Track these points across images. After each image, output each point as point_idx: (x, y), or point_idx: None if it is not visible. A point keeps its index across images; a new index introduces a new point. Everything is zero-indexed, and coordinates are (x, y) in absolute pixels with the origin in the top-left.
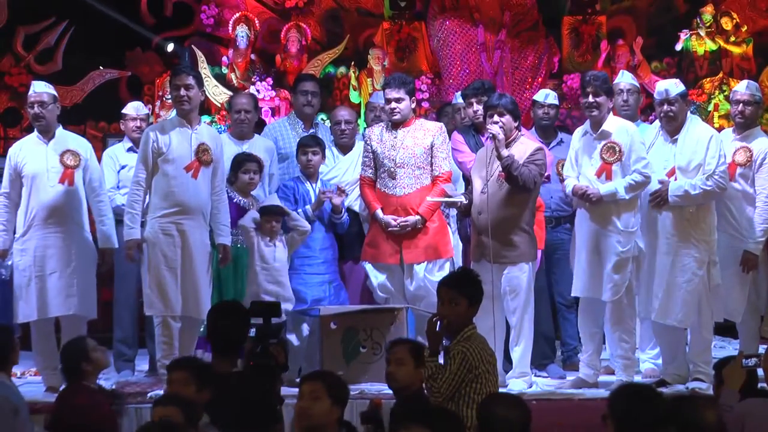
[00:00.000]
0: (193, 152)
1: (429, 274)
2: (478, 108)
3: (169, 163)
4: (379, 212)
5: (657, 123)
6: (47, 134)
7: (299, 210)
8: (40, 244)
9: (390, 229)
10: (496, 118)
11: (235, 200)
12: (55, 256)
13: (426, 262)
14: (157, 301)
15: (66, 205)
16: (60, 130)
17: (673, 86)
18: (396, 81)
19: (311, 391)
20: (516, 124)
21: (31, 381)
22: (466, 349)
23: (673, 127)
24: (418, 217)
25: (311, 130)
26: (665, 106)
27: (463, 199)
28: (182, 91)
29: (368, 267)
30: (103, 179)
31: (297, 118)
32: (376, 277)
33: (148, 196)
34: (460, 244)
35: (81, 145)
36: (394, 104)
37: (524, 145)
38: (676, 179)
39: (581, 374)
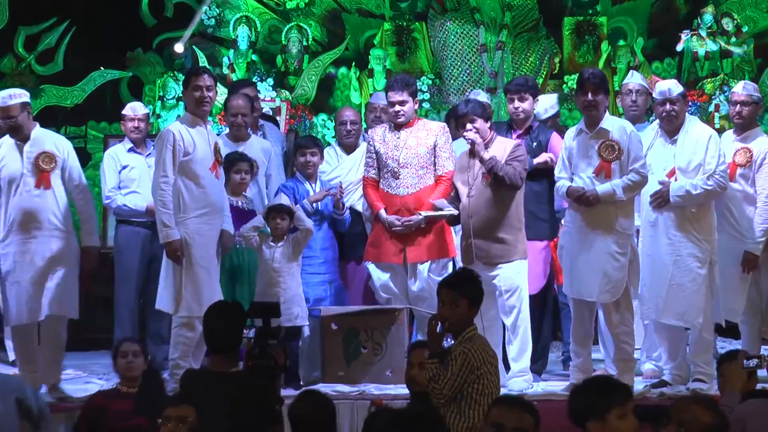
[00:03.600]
0: (212, 152)
1: (433, 274)
2: (519, 105)
3: (195, 163)
4: (383, 212)
5: (655, 124)
6: (21, 138)
7: (297, 206)
8: (18, 249)
9: (394, 228)
10: (468, 126)
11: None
12: (32, 262)
13: (429, 262)
14: (194, 303)
15: (44, 210)
16: (36, 131)
17: (674, 86)
18: (399, 83)
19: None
20: (488, 125)
21: None
22: (468, 350)
23: (673, 127)
24: (421, 216)
25: (258, 133)
26: (667, 106)
27: (453, 211)
28: (205, 92)
29: (371, 267)
30: (83, 176)
31: None
32: (379, 278)
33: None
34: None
35: (58, 144)
36: (398, 107)
37: (502, 144)
38: (676, 180)
39: (575, 380)
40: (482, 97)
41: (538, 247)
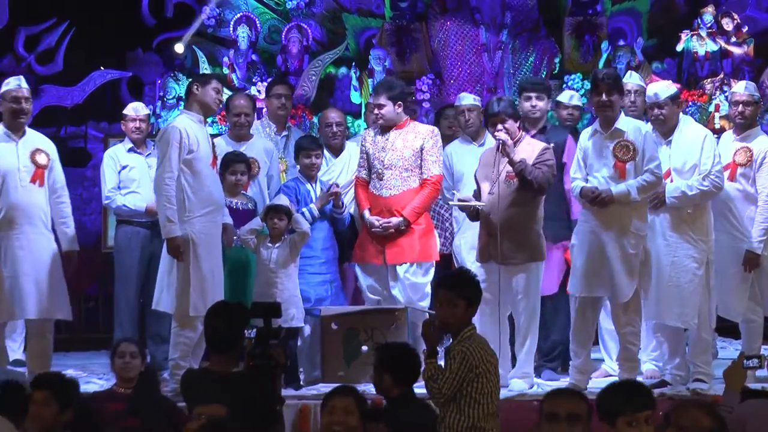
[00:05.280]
0: (211, 148)
1: (413, 276)
2: (537, 104)
3: (199, 161)
4: (366, 213)
5: (651, 125)
6: (18, 132)
7: (303, 209)
8: (11, 245)
9: (373, 230)
10: (499, 126)
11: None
12: (26, 258)
13: (409, 264)
14: (199, 303)
15: (36, 206)
16: (29, 129)
17: (663, 89)
18: (380, 87)
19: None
20: (518, 125)
21: None
22: (466, 349)
23: (663, 130)
24: (401, 218)
25: (284, 133)
26: (655, 110)
27: (478, 203)
28: (221, 96)
29: (357, 269)
30: (64, 181)
31: (270, 122)
32: (365, 279)
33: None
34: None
35: (48, 145)
36: (376, 110)
37: (531, 146)
38: (671, 181)
39: (574, 380)
40: (468, 100)
41: (555, 248)
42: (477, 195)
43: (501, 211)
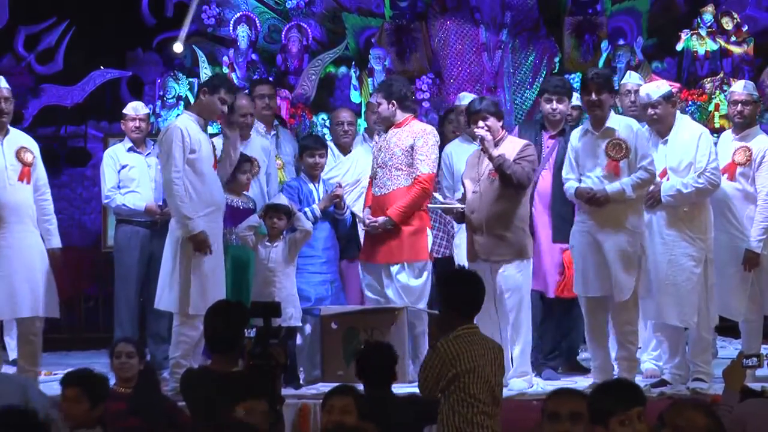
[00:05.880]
0: (212, 150)
1: (404, 279)
2: (558, 106)
3: (201, 161)
4: (365, 211)
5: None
6: (1, 131)
7: (305, 209)
8: (2, 243)
9: (364, 228)
10: (480, 123)
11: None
12: (16, 256)
13: (400, 266)
14: (200, 302)
15: (25, 204)
16: (11, 128)
17: (654, 90)
18: (378, 86)
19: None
20: (500, 124)
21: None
22: (440, 345)
23: (660, 129)
24: (387, 218)
25: (273, 132)
26: (649, 110)
27: (458, 206)
28: (225, 108)
29: (359, 267)
30: (47, 178)
31: (258, 122)
32: (364, 277)
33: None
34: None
35: (32, 143)
36: (374, 108)
37: (512, 144)
38: (668, 179)
39: (597, 380)
40: (468, 100)
41: (559, 249)
42: (465, 198)
43: (484, 209)
